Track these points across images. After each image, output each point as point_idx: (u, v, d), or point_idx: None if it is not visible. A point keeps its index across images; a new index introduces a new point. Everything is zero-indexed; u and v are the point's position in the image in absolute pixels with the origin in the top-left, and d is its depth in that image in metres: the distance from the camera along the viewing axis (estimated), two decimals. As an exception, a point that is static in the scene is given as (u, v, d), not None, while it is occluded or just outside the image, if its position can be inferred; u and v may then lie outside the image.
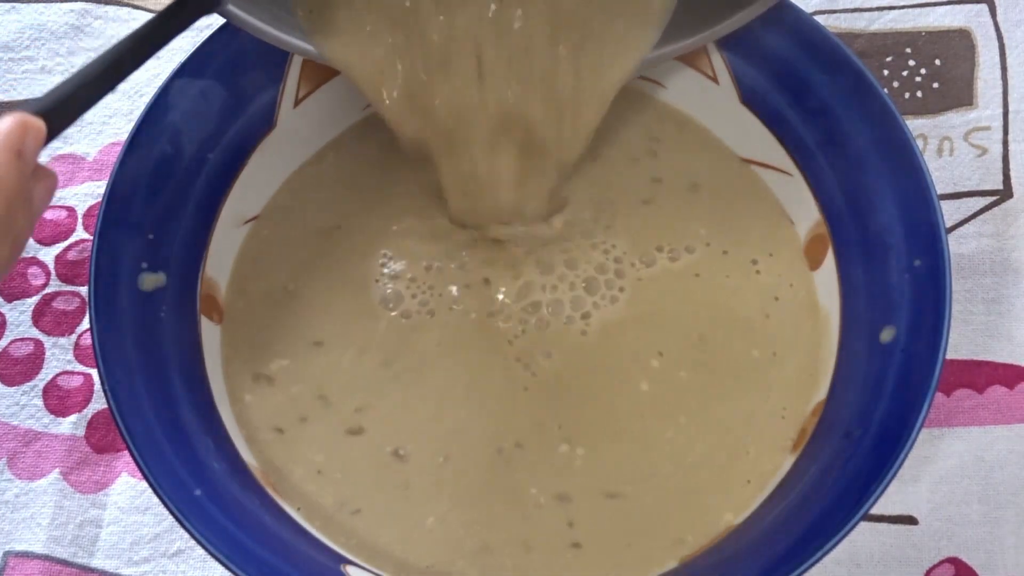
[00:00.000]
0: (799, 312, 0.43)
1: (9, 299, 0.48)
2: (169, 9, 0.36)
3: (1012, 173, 0.49)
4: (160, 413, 0.39)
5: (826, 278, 0.43)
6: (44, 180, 0.32)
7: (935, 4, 0.52)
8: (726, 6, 0.40)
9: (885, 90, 0.42)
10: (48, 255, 0.49)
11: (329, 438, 0.42)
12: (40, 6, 0.54)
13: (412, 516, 0.40)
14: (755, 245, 0.45)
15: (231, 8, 0.38)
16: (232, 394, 0.42)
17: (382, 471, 0.41)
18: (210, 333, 0.42)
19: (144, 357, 0.40)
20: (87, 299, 0.39)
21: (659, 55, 0.41)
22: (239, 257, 0.44)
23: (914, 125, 0.50)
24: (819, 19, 0.47)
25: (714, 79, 0.45)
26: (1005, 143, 0.50)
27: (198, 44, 0.42)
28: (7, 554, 0.44)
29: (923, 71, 0.51)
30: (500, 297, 0.44)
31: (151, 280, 0.41)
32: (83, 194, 0.50)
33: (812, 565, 0.35)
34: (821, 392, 0.41)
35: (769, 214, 0.45)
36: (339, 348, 0.43)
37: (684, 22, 0.41)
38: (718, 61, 0.44)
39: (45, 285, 0.49)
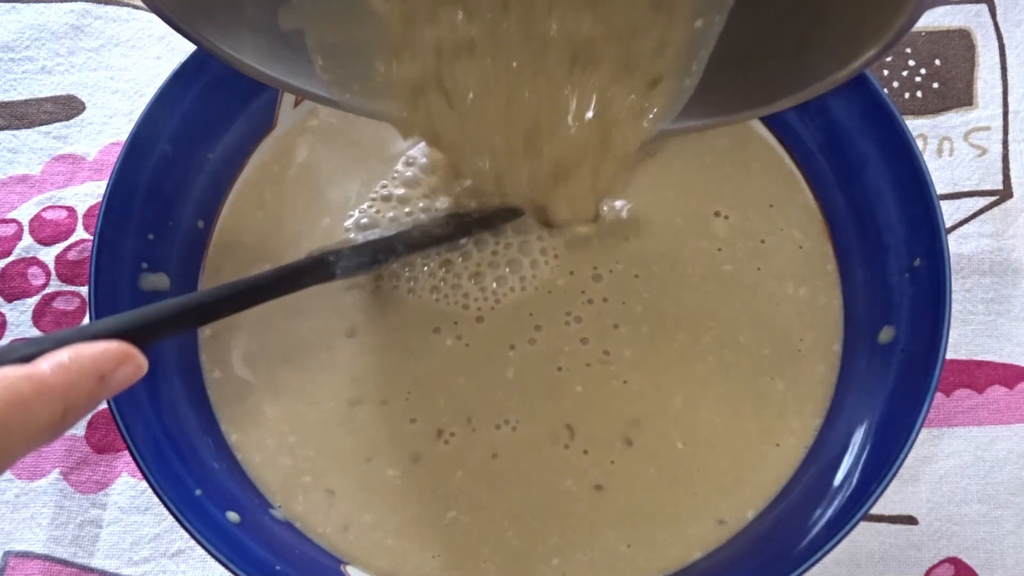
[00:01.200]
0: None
1: (9, 299, 0.48)
2: (282, 270, 0.38)
3: (1012, 173, 0.49)
4: (160, 413, 0.39)
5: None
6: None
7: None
8: (767, 86, 0.38)
9: (885, 90, 0.42)
10: (48, 255, 0.49)
11: (322, 432, 0.41)
12: (40, 6, 0.54)
13: (417, 512, 0.40)
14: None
15: (247, 61, 0.37)
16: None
17: (376, 460, 0.41)
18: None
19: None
20: (87, 299, 0.39)
21: (683, 127, 0.39)
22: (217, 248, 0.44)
23: (914, 125, 0.50)
24: (819, 19, 0.47)
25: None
26: (1005, 143, 0.50)
27: (198, 44, 0.42)
28: (7, 554, 0.44)
29: (923, 71, 0.51)
30: (528, 272, 0.43)
31: (151, 280, 0.41)
32: (83, 194, 0.50)
33: (812, 565, 0.35)
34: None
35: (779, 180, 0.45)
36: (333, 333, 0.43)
37: (721, 94, 0.39)
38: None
39: (45, 285, 0.49)
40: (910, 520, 0.44)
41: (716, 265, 0.43)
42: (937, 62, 0.51)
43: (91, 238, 0.46)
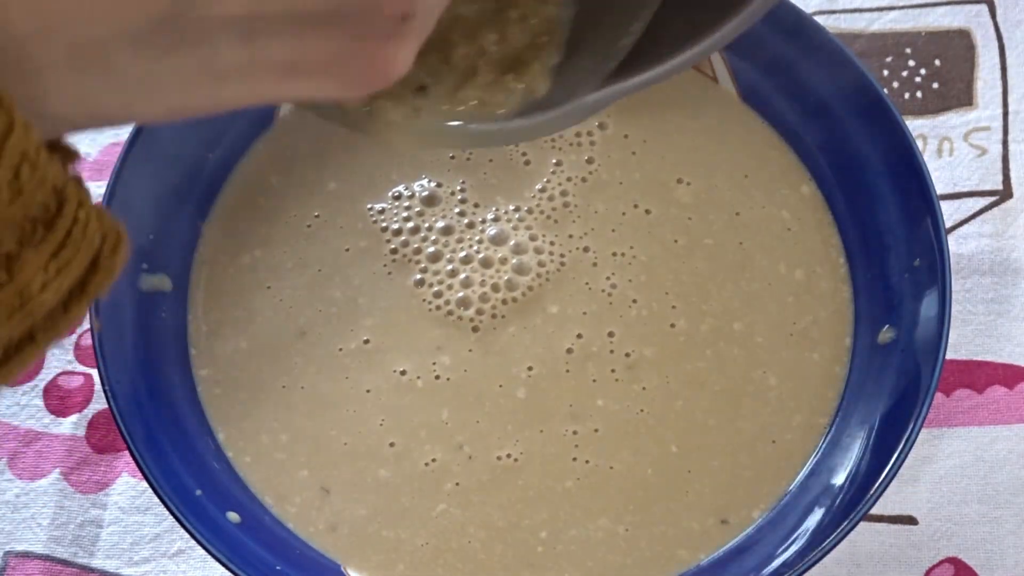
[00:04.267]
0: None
1: (9, 299, 0.48)
2: None
3: (1012, 173, 0.49)
4: (160, 413, 0.39)
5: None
6: None
7: (935, 4, 0.52)
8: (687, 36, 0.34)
9: (885, 90, 0.42)
10: (48, 255, 0.49)
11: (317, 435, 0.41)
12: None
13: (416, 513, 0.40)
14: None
15: None
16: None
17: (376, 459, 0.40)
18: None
19: (144, 357, 0.40)
20: (87, 299, 0.39)
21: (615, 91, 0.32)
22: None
23: (914, 125, 0.50)
24: (819, 19, 0.47)
25: (713, 78, 0.45)
26: (1005, 143, 0.50)
27: (198, 44, 0.42)
28: (8, 554, 0.44)
29: (923, 71, 0.51)
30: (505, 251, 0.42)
31: (151, 280, 0.41)
32: (83, 194, 0.50)
33: (812, 565, 0.35)
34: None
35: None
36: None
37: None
38: (717, 61, 0.44)
39: (45, 285, 0.49)
40: (910, 520, 0.44)
41: (695, 236, 0.43)
42: (937, 62, 0.51)
43: (91, 238, 0.46)
